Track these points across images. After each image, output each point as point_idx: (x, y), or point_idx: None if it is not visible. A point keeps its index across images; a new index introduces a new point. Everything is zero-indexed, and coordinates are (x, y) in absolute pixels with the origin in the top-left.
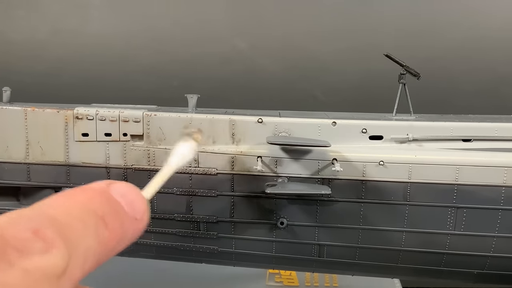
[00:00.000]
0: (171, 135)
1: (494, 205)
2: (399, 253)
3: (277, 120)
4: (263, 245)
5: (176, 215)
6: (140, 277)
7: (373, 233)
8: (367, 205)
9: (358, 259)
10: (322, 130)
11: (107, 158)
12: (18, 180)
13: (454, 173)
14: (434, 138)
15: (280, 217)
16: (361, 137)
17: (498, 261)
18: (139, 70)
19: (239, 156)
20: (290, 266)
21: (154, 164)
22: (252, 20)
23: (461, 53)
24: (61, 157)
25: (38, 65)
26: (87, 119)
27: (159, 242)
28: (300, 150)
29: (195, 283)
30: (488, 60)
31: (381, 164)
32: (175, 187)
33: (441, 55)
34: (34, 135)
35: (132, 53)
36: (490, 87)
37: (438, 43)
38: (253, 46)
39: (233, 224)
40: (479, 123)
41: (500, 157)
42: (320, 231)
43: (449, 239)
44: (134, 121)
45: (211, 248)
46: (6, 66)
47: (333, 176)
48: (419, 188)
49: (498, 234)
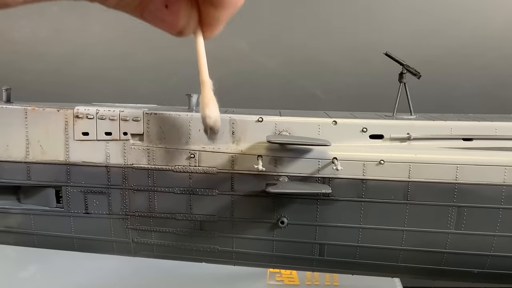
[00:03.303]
0: (171, 134)
1: (494, 204)
2: (399, 252)
3: (277, 119)
4: (263, 244)
5: (176, 214)
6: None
7: (373, 232)
8: (367, 204)
9: (359, 258)
10: (322, 129)
11: (107, 157)
12: (18, 179)
13: (454, 172)
14: (434, 137)
15: (280, 216)
16: (361, 136)
17: (499, 260)
18: (139, 69)
19: (239, 155)
20: (291, 265)
21: (154, 163)
22: (252, 20)
23: (461, 52)
24: (61, 156)
25: (38, 64)
26: (87, 118)
27: (159, 241)
28: (300, 149)
29: (195, 283)
30: (488, 59)
31: (381, 163)
32: (175, 186)
33: (441, 55)
34: (34, 134)
35: (132, 52)
36: (490, 86)
37: (438, 42)
38: (253, 46)
39: (233, 223)
40: (479, 122)
41: (500, 156)
42: (321, 230)
43: (449, 238)
44: (134, 120)
45: (211, 247)
46: (6, 65)
47: (334, 175)
48: (419, 187)
49: (499, 233)
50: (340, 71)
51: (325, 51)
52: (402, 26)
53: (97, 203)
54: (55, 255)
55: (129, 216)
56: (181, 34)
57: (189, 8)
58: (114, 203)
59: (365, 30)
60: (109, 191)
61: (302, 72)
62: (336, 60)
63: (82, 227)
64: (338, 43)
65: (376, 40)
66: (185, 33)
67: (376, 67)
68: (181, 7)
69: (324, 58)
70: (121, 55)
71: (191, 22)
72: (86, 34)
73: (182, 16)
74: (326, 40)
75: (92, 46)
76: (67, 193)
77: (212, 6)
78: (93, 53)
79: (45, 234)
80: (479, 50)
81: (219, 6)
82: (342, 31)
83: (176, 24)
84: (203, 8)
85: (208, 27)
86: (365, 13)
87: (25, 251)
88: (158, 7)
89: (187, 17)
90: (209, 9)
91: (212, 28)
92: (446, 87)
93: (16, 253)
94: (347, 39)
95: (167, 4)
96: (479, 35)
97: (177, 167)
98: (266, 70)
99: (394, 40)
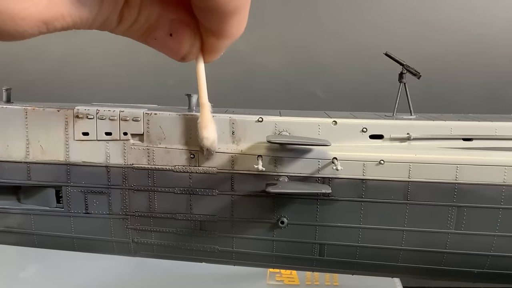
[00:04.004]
0: (171, 134)
1: (494, 204)
2: (399, 252)
3: (277, 119)
4: (263, 244)
5: (176, 214)
6: (140, 276)
7: (373, 232)
8: (367, 204)
9: (359, 258)
10: (322, 129)
11: (107, 157)
12: (18, 179)
13: (454, 172)
14: (434, 137)
15: (280, 216)
16: (361, 136)
17: (499, 260)
18: (139, 69)
19: (239, 155)
20: (291, 265)
21: (154, 163)
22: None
23: (461, 52)
24: (61, 156)
25: (38, 65)
26: (87, 118)
27: (159, 241)
28: (300, 149)
29: (195, 283)
30: (488, 59)
31: (381, 163)
32: (175, 186)
33: (441, 55)
34: (34, 134)
35: (132, 53)
36: (490, 86)
37: (438, 42)
38: (253, 46)
39: (233, 223)
40: (479, 122)
41: (500, 156)
42: (320, 230)
43: (449, 238)
44: (134, 120)
45: (211, 247)
46: (7, 65)
47: (333, 175)
48: (419, 187)
49: (498, 233)
50: (340, 71)
51: (325, 51)
52: (402, 26)
53: (97, 203)
54: (55, 255)
55: (129, 216)
56: (184, 60)
57: (192, 37)
58: (114, 203)
59: (365, 30)
60: (109, 191)
61: (302, 72)
62: (336, 61)
63: (82, 227)
64: (338, 44)
65: (376, 40)
66: (187, 59)
67: (376, 67)
68: (184, 36)
69: (324, 58)
70: (121, 56)
71: (193, 49)
72: (86, 35)
73: (186, 44)
74: (326, 40)
75: (92, 46)
76: (67, 193)
77: (215, 36)
78: (93, 53)
79: (45, 234)
80: (479, 50)
81: (221, 37)
82: (342, 32)
83: (179, 51)
84: (205, 38)
85: (209, 53)
86: (365, 13)
87: (25, 251)
88: (163, 35)
89: (190, 45)
90: (212, 39)
91: (213, 55)
92: (446, 87)
93: (16, 253)
94: (347, 40)
95: (171, 33)
96: (478, 36)
97: (177, 167)
98: (267, 70)
99: (394, 40)
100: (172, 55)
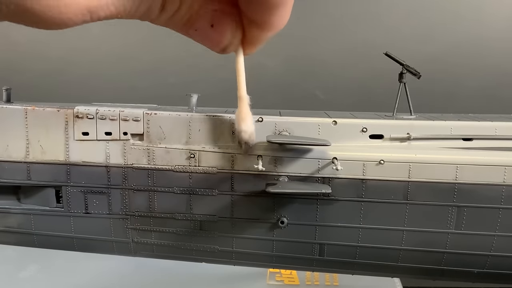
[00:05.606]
0: (171, 134)
1: (494, 204)
2: (399, 252)
3: (277, 119)
4: (263, 244)
5: (176, 214)
6: (140, 276)
7: (373, 232)
8: (367, 204)
9: (359, 258)
10: (322, 129)
11: (107, 157)
12: (18, 179)
13: (454, 172)
14: (434, 137)
15: (280, 216)
16: (361, 136)
17: (499, 260)
18: (139, 69)
19: (240, 155)
20: (291, 265)
21: (154, 163)
22: None
23: (461, 52)
24: (61, 156)
25: (38, 65)
26: (87, 118)
27: (159, 241)
28: (300, 149)
29: (195, 283)
30: (488, 60)
31: (381, 163)
32: (175, 186)
33: (441, 55)
34: (34, 134)
35: (133, 53)
36: (490, 86)
37: (438, 42)
38: None
39: (233, 223)
40: (479, 122)
41: (500, 156)
42: (320, 230)
43: (449, 238)
44: (134, 120)
45: (211, 247)
46: (7, 65)
47: (333, 175)
48: (419, 187)
49: (498, 233)
50: (340, 71)
51: (325, 51)
52: (402, 26)
53: (97, 203)
54: (55, 255)
55: (129, 216)
56: (224, 51)
57: (234, 28)
58: (114, 203)
59: (365, 30)
60: (109, 191)
61: (302, 72)
62: (336, 60)
63: (82, 227)
64: (338, 43)
65: (376, 40)
66: (227, 51)
67: (376, 67)
68: (226, 27)
69: (324, 58)
70: (121, 56)
71: (234, 40)
72: (86, 35)
73: (227, 35)
74: (326, 40)
75: (92, 46)
76: (67, 193)
77: (258, 28)
78: (93, 53)
79: (45, 234)
80: (479, 50)
81: (265, 29)
82: (342, 31)
83: (220, 42)
84: (248, 29)
85: (250, 45)
86: (365, 13)
87: (25, 251)
88: (205, 26)
89: (232, 36)
90: (254, 30)
91: (253, 46)
92: (446, 87)
93: (16, 253)
94: (347, 39)
95: (213, 24)
96: (479, 36)
97: (177, 167)
98: (266, 70)
99: (394, 40)
100: (213, 46)
